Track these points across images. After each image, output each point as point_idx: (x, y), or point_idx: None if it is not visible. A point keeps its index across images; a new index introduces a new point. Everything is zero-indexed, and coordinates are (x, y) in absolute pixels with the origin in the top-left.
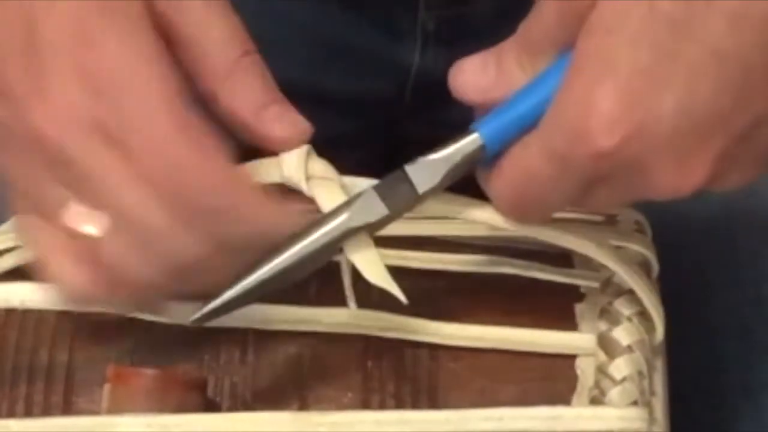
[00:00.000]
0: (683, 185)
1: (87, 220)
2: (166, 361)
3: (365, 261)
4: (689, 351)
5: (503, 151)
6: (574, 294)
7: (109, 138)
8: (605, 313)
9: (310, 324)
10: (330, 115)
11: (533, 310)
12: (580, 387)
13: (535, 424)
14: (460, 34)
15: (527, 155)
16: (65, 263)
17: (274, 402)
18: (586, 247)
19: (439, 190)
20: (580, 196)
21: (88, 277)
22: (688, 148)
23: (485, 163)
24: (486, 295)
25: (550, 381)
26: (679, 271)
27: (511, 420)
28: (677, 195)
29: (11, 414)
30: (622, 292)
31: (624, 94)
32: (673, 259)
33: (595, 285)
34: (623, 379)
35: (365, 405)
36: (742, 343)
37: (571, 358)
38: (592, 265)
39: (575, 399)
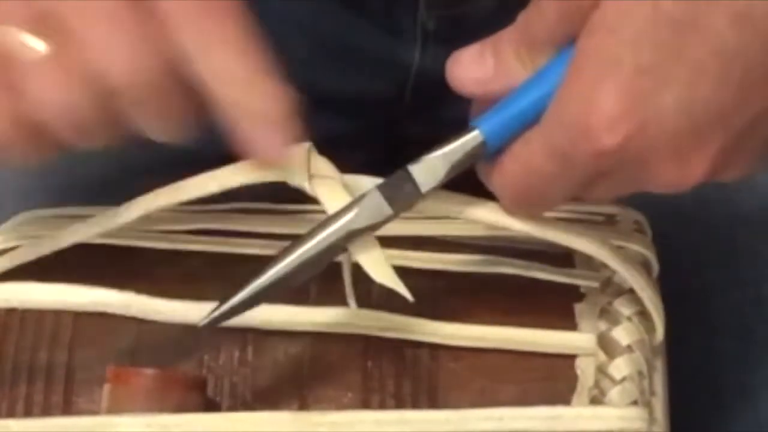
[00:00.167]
0: (683, 180)
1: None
2: (166, 361)
3: (371, 261)
4: (689, 351)
5: (504, 146)
6: (574, 294)
7: None
8: (605, 312)
9: (310, 324)
10: (330, 114)
11: (533, 310)
12: (580, 387)
13: (535, 424)
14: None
15: (529, 151)
16: None
17: (274, 402)
18: (588, 246)
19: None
20: (580, 190)
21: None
22: (688, 145)
23: (486, 159)
24: (486, 295)
25: (550, 381)
26: (679, 271)
27: (511, 420)
28: (677, 189)
29: (11, 414)
30: (622, 291)
31: (626, 92)
32: (673, 259)
33: (595, 285)
34: (623, 379)
35: (365, 405)
36: (742, 343)
37: (571, 358)
38: (592, 265)
39: (575, 399)
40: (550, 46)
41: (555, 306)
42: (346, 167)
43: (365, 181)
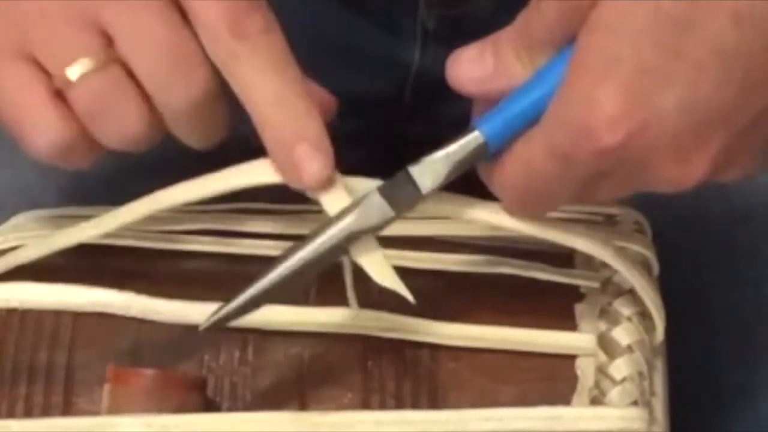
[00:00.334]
0: (684, 180)
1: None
2: (166, 361)
3: (372, 263)
4: (689, 351)
5: (505, 146)
6: (574, 294)
7: None
8: (605, 313)
9: (310, 324)
10: None
11: (533, 310)
12: (580, 387)
13: (535, 425)
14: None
15: (529, 151)
16: (40, 108)
17: (274, 402)
18: (588, 246)
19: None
20: (581, 192)
21: (62, 121)
22: (689, 144)
23: (487, 159)
24: (486, 295)
25: (550, 381)
26: (679, 271)
27: (511, 420)
28: (678, 189)
29: (11, 414)
30: (622, 292)
31: (627, 91)
32: (673, 259)
33: (595, 285)
34: (623, 380)
35: (365, 405)
36: (742, 343)
37: (571, 358)
38: (592, 265)
39: (575, 399)
40: (550, 46)
41: (555, 306)
42: (346, 167)
43: (366, 183)
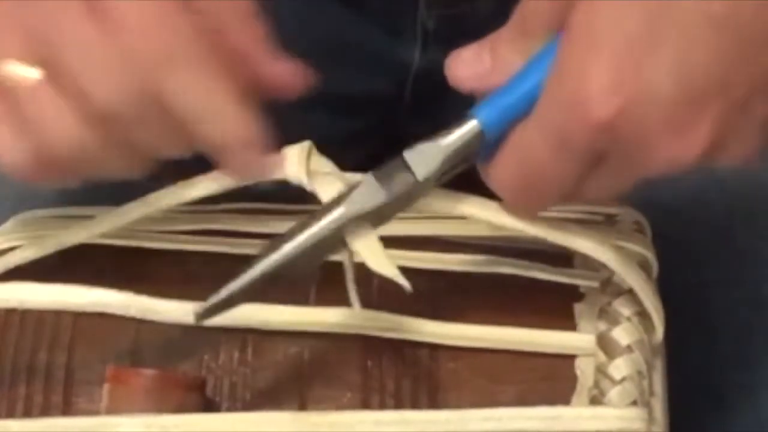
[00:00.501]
0: (683, 155)
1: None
2: (165, 361)
3: (368, 249)
4: (689, 351)
5: (503, 140)
6: (574, 294)
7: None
8: (604, 313)
9: (310, 324)
10: (330, 113)
11: (533, 310)
12: (579, 387)
13: (534, 424)
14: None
15: (526, 136)
16: None
17: (274, 402)
18: (587, 246)
19: (438, 177)
20: (580, 181)
21: (12, 137)
22: (685, 114)
23: (484, 151)
24: (486, 295)
25: (549, 381)
26: (679, 271)
27: (511, 420)
28: (678, 167)
29: (11, 414)
30: (621, 292)
31: (617, 62)
32: (673, 259)
33: (595, 285)
34: (623, 379)
35: (365, 405)
36: (742, 343)
37: (571, 358)
38: (591, 265)
39: (575, 399)
40: (544, 33)
41: (554, 306)
42: (347, 166)
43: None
